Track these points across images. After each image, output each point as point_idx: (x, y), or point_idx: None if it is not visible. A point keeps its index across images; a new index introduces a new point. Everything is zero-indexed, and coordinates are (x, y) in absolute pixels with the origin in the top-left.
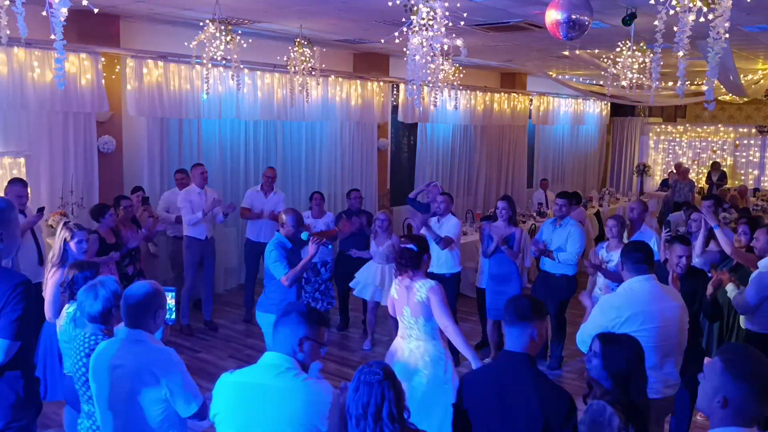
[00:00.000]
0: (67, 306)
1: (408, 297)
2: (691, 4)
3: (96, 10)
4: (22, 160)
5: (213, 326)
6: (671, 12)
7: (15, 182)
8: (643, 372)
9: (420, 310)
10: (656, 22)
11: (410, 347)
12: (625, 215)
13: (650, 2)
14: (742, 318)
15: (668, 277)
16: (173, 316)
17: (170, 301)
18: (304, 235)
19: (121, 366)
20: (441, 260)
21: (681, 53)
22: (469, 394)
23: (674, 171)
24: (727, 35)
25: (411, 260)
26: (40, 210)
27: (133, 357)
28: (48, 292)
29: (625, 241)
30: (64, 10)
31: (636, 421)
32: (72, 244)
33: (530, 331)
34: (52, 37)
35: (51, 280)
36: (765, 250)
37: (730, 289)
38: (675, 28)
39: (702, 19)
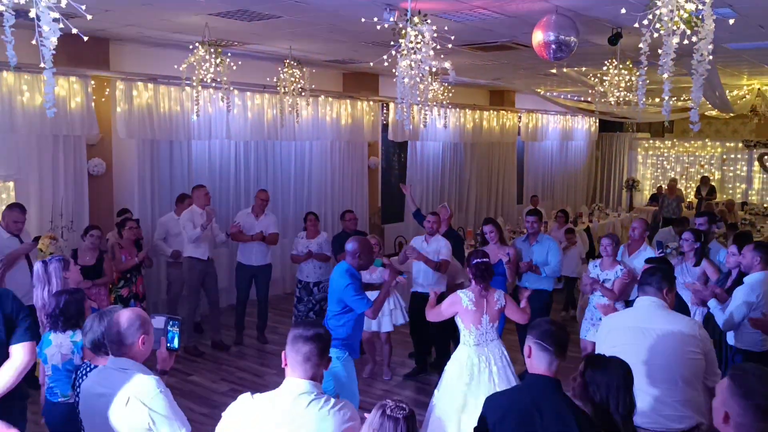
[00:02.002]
0: (70, 334)
1: (487, 306)
2: (674, 27)
3: (86, 38)
4: (11, 183)
5: (224, 346)
6: (656, 35)
7: (13, 207)
8: (629, 397)
9: (497, 316)
10: (641, 45)
11: (486, 349)
12: (626, 233)
13: (635, 25)
14: (729, 335)
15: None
16: (176, 344)
17: (175, 329)
18: (377, 262)
19: (105, 395)
20: (430, 280)
21: (666, 75)
22: (497, 415)
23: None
24: (710, 57)
25: (489, 272)
26: (36, 239)
27: (117, 385)
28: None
29: (624, 259)
30: (54, 39)
31: None
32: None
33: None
34: (42, 65)
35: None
36: (750, 266)
37: (713, 305)
38: (660, 51)
39: (686, 42)
